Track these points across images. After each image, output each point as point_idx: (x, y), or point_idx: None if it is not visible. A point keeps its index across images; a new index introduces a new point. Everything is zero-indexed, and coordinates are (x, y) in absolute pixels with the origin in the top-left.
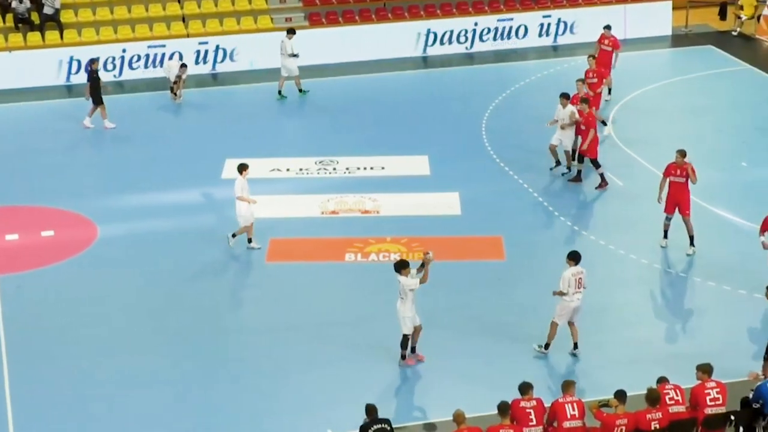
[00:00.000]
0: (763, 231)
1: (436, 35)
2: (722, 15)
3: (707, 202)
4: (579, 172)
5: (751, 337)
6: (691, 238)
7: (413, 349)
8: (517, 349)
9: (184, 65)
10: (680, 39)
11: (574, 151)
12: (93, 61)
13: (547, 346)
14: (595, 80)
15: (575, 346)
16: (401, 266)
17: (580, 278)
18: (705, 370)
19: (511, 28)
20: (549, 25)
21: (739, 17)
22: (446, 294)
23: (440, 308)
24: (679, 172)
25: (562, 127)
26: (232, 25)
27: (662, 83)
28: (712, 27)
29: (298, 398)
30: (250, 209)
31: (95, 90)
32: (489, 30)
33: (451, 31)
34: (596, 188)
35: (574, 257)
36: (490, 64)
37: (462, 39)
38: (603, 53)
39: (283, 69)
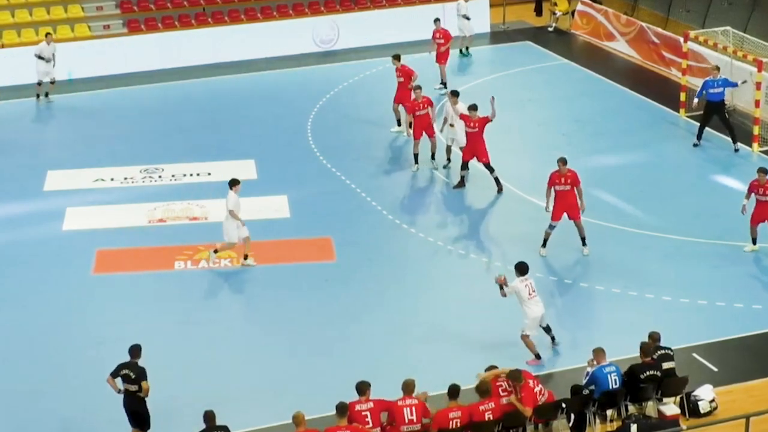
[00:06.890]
0: (747, 196)
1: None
2: (538, 11)
3: (529, 194)
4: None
5: (569, 325)
6: (583, 239)
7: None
8: (350, 349)
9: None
10: (499, 36)
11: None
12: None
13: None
14: (402, 79)
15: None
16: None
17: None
18: (515, 378)
19: None
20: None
21: (554, 13)
22: (282, 298)
23: (283, 311)
24: (563, 180)
25: (452, 125)
26: None
27: (483, 79)
28: (529, 23)
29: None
30: (237, 229)
31: None
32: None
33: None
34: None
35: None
36: (313, 66)
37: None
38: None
39: (459, 30)
